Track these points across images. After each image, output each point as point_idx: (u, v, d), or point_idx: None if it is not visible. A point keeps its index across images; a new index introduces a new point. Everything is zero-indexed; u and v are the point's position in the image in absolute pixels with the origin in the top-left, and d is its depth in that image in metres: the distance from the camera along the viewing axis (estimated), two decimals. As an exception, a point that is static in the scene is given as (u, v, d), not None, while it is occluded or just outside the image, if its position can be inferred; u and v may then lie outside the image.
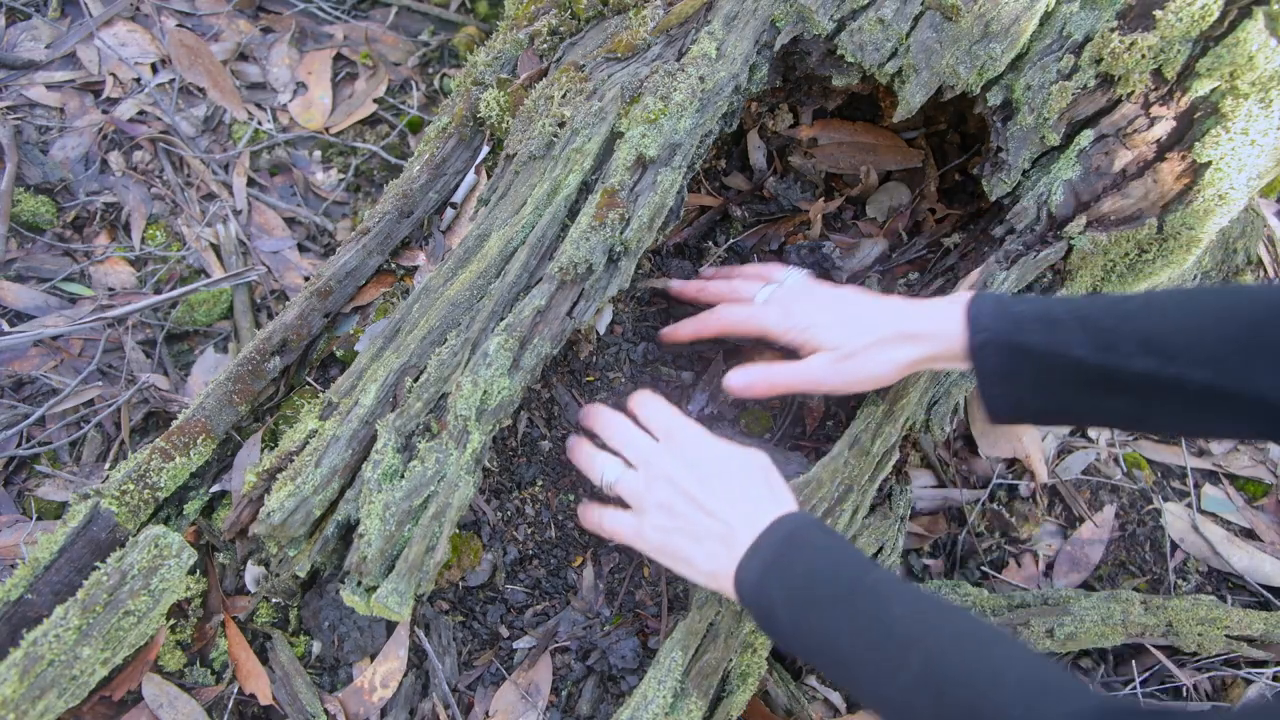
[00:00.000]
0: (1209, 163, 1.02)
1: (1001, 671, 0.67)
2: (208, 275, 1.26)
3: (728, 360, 1.12)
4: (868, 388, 0.95)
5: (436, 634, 0.96)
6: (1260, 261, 1.52)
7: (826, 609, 0.75)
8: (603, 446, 0.97)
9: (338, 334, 1.06)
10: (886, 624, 0.72)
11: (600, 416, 0.98)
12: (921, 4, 1.01)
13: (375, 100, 1.44)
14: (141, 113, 1.35)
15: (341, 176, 1.39)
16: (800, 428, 1.13)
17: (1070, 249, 1.04)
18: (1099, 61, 1.02)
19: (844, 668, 0.74)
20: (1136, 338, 0.78)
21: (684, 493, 0.87)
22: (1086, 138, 1.03)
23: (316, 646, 0.94)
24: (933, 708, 0.68)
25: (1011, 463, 1.29)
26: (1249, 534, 1.29)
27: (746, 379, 0.98)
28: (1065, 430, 1.33)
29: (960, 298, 0.90)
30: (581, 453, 0.98)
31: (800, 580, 0.77)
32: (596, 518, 0.95)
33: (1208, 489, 1.31)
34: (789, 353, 0.99)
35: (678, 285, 1.12)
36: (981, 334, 0.86)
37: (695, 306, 1.09)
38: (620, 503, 0.94)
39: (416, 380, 0.89)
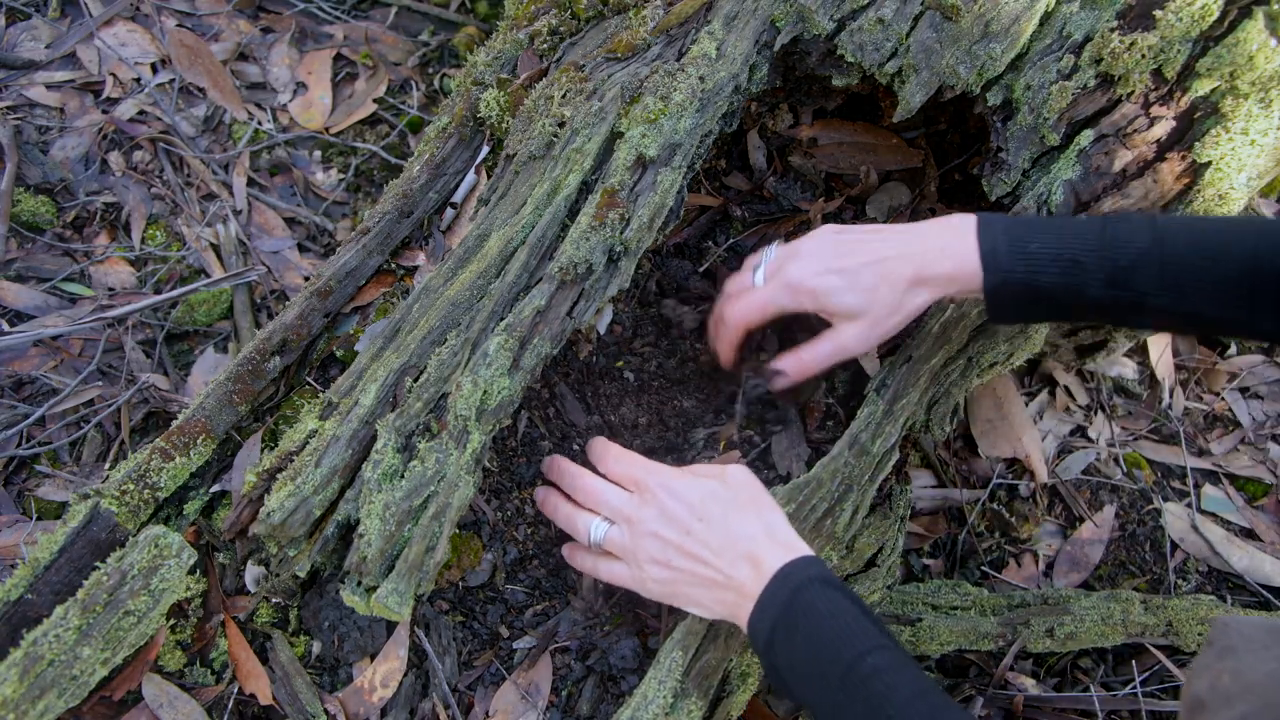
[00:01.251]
0: (1209, 163, 1.02)
1: None
2: (208, 275, 1.26)
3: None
4: (893, 333, 0.96)
5: (436, 634, 0.96)
6: (1260, 261, 1.51)
7: (827, 690, 0.74)
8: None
9: (338, 334, 1.06)
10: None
11: (567, 475, 0.97)
12: (921, 4, 1.01)
13: (375, 100, 1.44)
14: (141, 113, 1.36)
15: (341, 176, 1.39)
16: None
17: (1070, 249, 1.04)
18: (1099, 61, 1.02)
19: None
20: (1152, 278, 0.84)
21: (673, 546, 0.85)
22: (1086, 138, 1.03)
23: (316, 646, 0.94)
24: None
25: (1011, 463, 1.29)
26: (1249, 534, 1.29)
27: (785, 377, 1.00)
28: (1065, 430, 1.33)
29: (967, 224, 0.90)
30: (560, 512, 0.96)
31: (803, 652, 0.76)
32: (591, 565, 0.94)
33: (1208, 489, 1.31)
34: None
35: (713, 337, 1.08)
36: (997, 275, 0.87)
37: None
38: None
39: (416, 380, 0.89)
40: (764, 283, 0.98)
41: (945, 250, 0.90)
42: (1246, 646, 0.65)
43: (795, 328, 1.05)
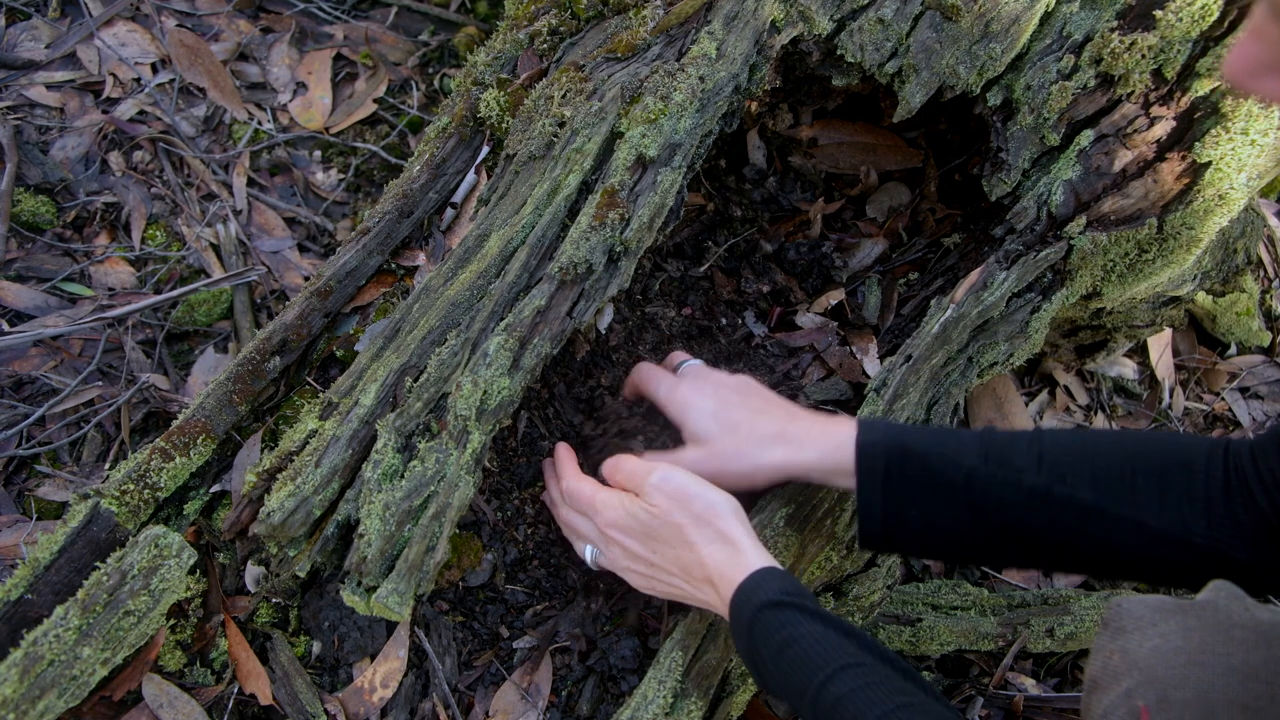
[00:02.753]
0: (1209, 163, 1.02)
1: None
2: (208, 275, 1.26)
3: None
4: (739, 486, 0.89)
5: (436, 634, 0.96)
6: (1260, 261, 1.52)
7: (805, 715, 0.74)
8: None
9: (338, 334, 1.06)
10: None
11: (551, 505, 0.99)
12: (921, 4, 1.01)
13: (375, 100, 1.44)
14: (141, 113, 1.36)
15: (341, 176, 1.39)
16: None
17: (1070, 249, 1.04)
18: (1099, 61, 1.02)
19: None
20: (1030, 456, 0.80)
21: (648, 576, 0.88)
22: (1086, 138, 1.03)
23: (316, 646, 0.94)
24: None
25: (1011, 463, 1.29)
26: (1249, 534, 1.29)
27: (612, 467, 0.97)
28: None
29: (848, 419, 0.89)
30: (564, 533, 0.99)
31: (774, 683, 0.76)
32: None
33: (1208, 489, 1.31)
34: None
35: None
36: (872, 434, 0.84)
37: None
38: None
39: (416, 380, 0.89)
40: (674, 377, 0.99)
41: (819, 421, 0.89)
42: (1135, 625, 0.66)
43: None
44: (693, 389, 0.96)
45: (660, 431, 1.00)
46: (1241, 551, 0.74)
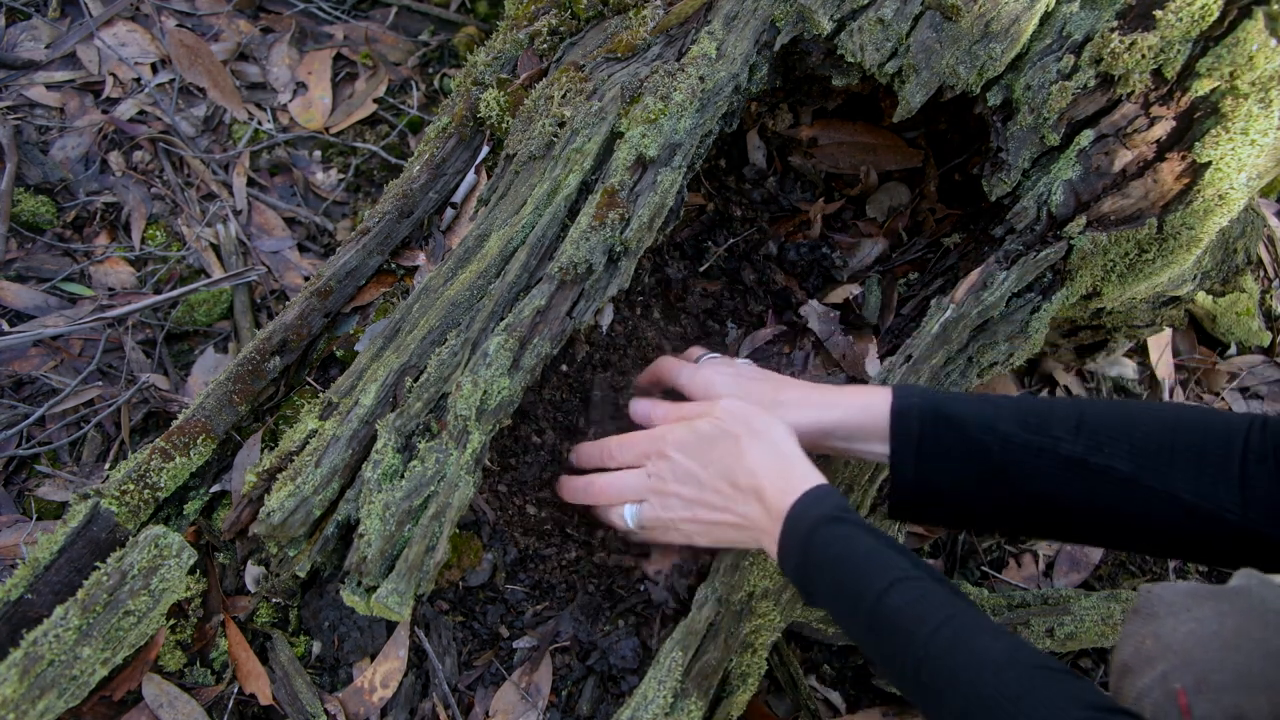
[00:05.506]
0: (1209, 163, 1.02)
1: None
2: (208, 275, 1.26)
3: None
4: None
5: (436, 634, 0.96)
6: (1260, 261, 1.52)
7: (861, 631, 0.74)
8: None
9: (338, 334, 1.06)
10: (903, 664, 0.71)
11: (580, 490, 0.98)
12: (921, 4, 1.01)
13: (375, 100, 1.44)
14: (141, 113, 1.36)
15: (341, 176, 1.39)
16: None
17: (1070, 249, 1.04)
18: (1099, 61, 1.02)
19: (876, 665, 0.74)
20: (1068, 424, 0.80)
21: (695, 501, 0.87)
22: (1086, 138, 1.03)
23: (316, 646, 0.94)
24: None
25: (1011, 463, 1.29)
26: (1249, 534, 1.29)
27: (643, 410, 0.99)
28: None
29: (882, 387, 0.89)
30: (595, 514, 0.99)
31: (830, 598, 0.76)
32: (658, 557, 0.96)
33: (1208, 489, 1.31)
34: None
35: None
36: (908, 399, 0.84)
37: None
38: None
39: (416, 380, 0.89)
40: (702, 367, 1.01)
41: (850, 389, 0.90)
42: (1168, 611, 0.66)
43: None
44: (714, 370, 0.97)
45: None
46: (1274, 528, 0.73)
